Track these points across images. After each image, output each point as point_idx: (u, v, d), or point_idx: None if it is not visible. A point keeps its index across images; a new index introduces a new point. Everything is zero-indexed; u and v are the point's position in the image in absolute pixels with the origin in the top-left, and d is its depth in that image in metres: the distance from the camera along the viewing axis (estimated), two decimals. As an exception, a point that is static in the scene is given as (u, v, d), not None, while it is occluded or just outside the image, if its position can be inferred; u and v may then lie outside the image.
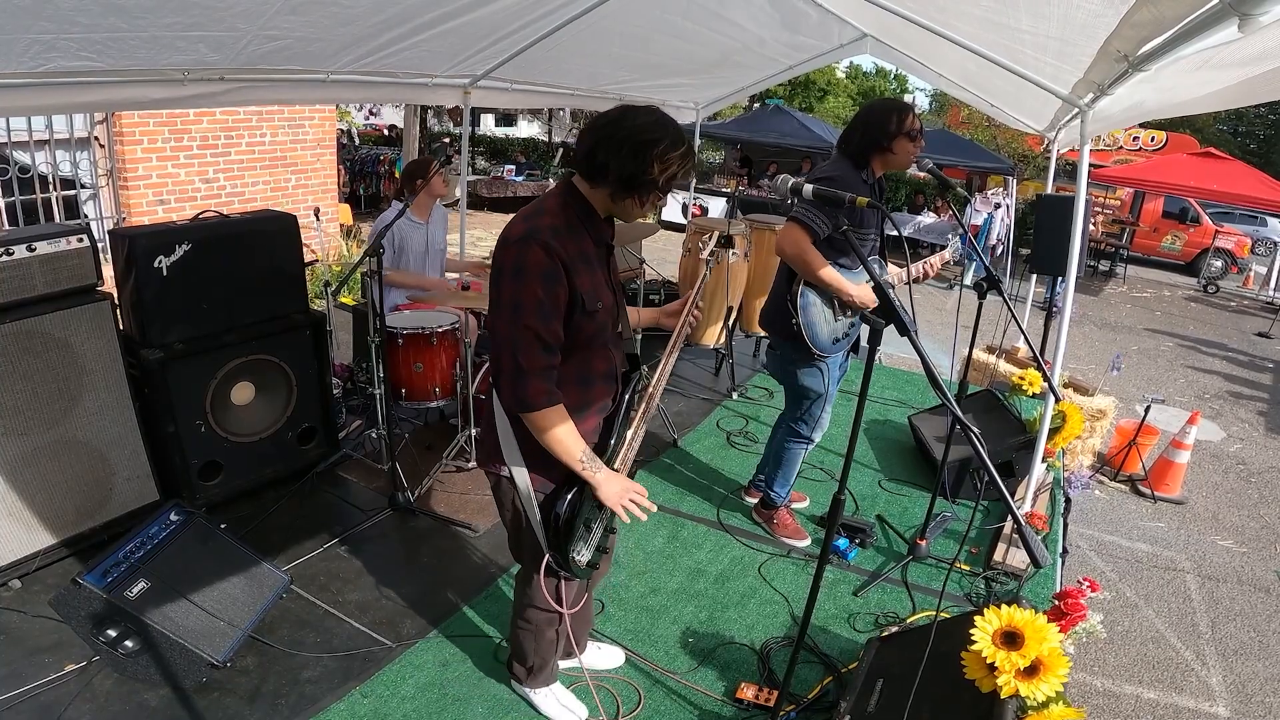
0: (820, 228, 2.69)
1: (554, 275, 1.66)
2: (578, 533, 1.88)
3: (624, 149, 1.64)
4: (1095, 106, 2.74)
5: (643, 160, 1.64)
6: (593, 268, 1.77)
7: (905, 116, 2.72)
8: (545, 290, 1.66)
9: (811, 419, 3.07)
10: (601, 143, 1.66)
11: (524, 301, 1.66)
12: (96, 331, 2.75)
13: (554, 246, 1.66)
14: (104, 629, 2.18)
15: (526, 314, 1.66)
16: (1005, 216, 11.14)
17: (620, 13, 3.51)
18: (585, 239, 1.76)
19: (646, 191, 1.69)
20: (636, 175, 1.65)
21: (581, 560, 1.92)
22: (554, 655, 2.26)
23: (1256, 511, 4.94)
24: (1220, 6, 1.24)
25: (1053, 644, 1.75)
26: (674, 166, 1.66)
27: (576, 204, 1.76)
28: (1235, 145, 22.89)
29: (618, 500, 1.83)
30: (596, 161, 1.67)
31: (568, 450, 1.76)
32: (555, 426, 1.73)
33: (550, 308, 1.67)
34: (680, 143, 1.67)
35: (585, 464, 1.78)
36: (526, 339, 1.68)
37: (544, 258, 1.65)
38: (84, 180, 6.11)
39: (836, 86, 28.48)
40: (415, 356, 3.61)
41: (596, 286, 1.77)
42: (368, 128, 16.63)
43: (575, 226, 1.74)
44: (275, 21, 2.55)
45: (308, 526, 3.16)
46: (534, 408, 1.71)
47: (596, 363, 1.86)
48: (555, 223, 1.70)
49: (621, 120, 1.66)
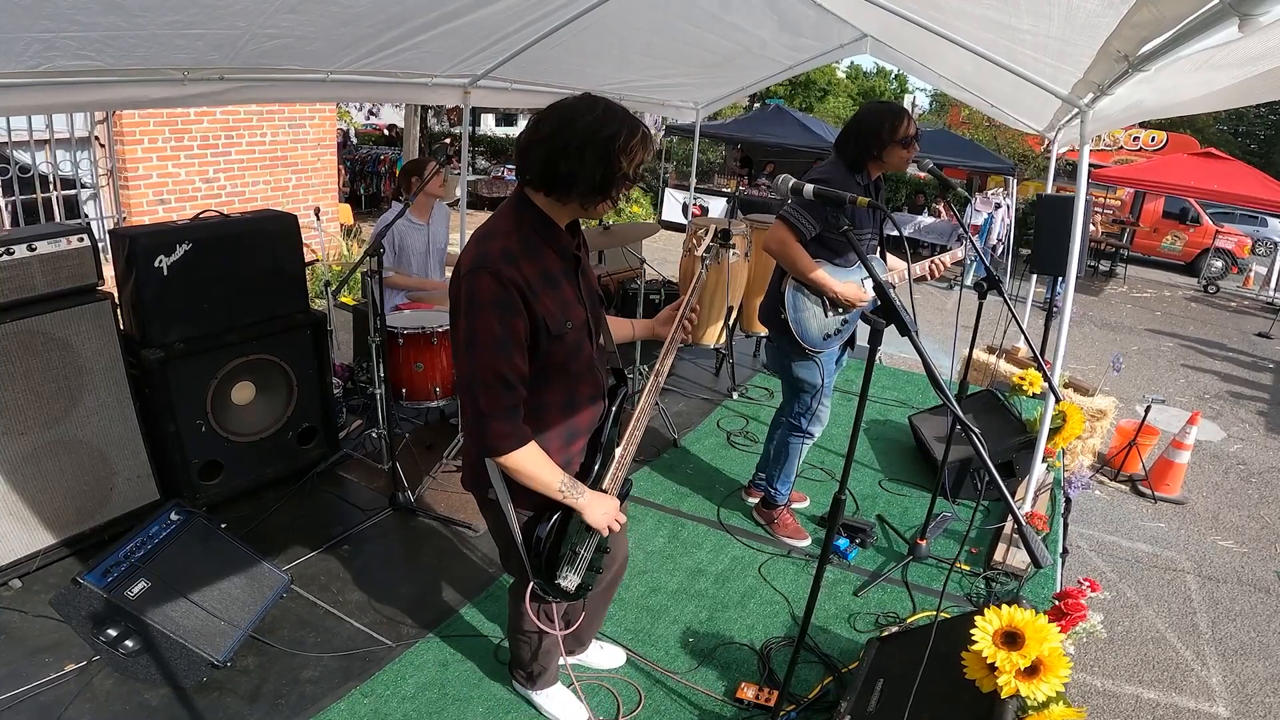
0: (806, 227, 2.72)
1: (509, 305, 1.54)
2: (564, 558, 1.82)
3: (586, 154, 1.53)
4: (1095, 107, 2.74)
5: (609, 160, 1.54)
6: (558, 286, 1.66)
7: (899, 124, 2.73)
8: (501, 323, 1.54)
9: (809, 412, 3.08)
10: (558, 154, 1.54)
11: (480, 336, 1.55)
12: (97, 331, 2.75)
13: (506, 273, 1.53)
14: (104, 629, 2.18)
15: (483, 350, 1.55)
16: (1005, 216, 11.14)
17: (620, 13, 3.51)
18: (546, 255, 1.64)
19: (620, 187, 1.60)
20: (607, 176, 1.56)
21: (569, 586, 1.85)
22: (553, 662, 2.25)
23: (1256, 511, 4.94)
24: (1220, 6, 1.24)
25: (1053, 644, 1.75)
26: (639, 153, 1.58)
27: (532, 218, 1.63)
28: (1235, 145, 22.88)
29: (604, 522, 1.77)
30: (560, 174, 1.55)
31: (545, 484, 1.68)
32: (526, 464, 1.65)
33: (509, 341, 1.56)
34: (635, 126, 1.58)
35: (565, 492, 1.71)
36: (486, 379, 1.57)
37: (495, 287, 1.53)
38: (84, 180, 6.11)
39: (837, 86, 28.48)
40: (416, 356, 3.60)
41: (564, 306, 1.66)
42: (368, 128, 16.63)
43: (533, 244, 1.62)
44: (275, 20, 2.55)
45: (308, 526, 3.16)
46: (499, 451, 1.62)
47: (580, 385, 1.78)
48: (508, 245, 1.58)
49: (571, 124, 1.54)
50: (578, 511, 1.75)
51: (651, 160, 1.69)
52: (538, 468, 1.67)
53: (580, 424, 1.83)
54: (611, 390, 1.91)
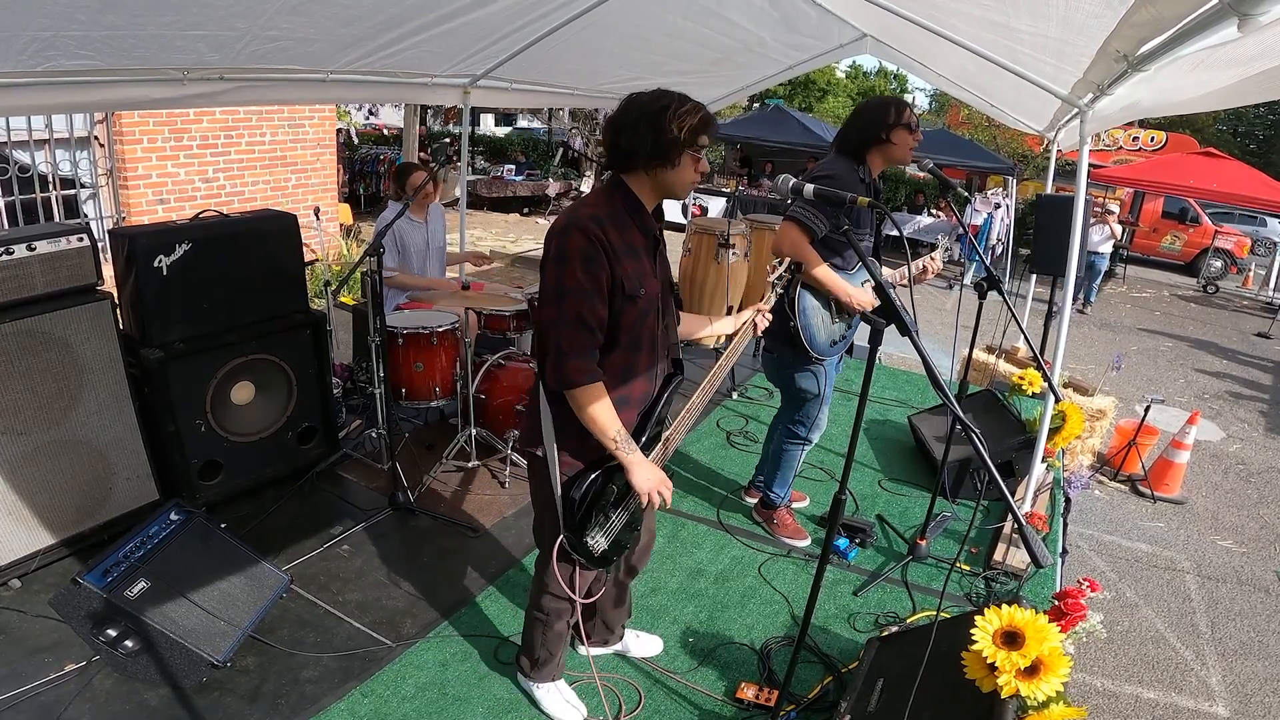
0: (818, 227, 2.68)
1: (594, 258, 1.72)
2: (596, 520, 1.91)
3: (640, 125, 1.72)
4: (1095, 107, 2.74)
5: (659, 125, 1.70)
6: (638, 257, 1.82)
7: (902, 109, 2.72)
8: (586, 273, 1.72)
9: (809, 420, 3.07)
10: (620, 132, 1.75)
11: (567, 284, 1.74)
12: (96, 331, 2.75)
13: (593, 231, 1.73)
14: (104, 629, 2.18)
15: (569, 296, 1.74)
16: (1005, 216, 11.14)
17: (620, 12, 3.51)
18: (631, 229, 1.82)
19: (676, 151, 1.74)
20: (659, 141, 1.72)
21: (596, 547, 1.94)
22: (559, 651, 2.27)
23: (1256, 511, 4.94)
24: (1220, 6, 1.24)
25: (1053, 644, 1.75)
26: (690, 119, 1.72)
27: (621, 196, 1.82)
28: (1235, 145, 22.88)
29: (647, 488, 1.86)
30: (622, 150, 1.76)
31: (603, 427, 1.80)
32: (594, 403, 1.78)
33: (592, 289, 1.73)
34: (686, 101, 1.73)
35: (619, 444, 1.82)
36: (569, 319, 1.75)
37: (584, 241, 1.72)
38: (84, 180, 6.11)
39: (836, 86, 28.47)
40: (415, 356, 3.61)
41: (641, 275, 1.82)
42: (368, 127, 16.63)
43: (620, 216, 1.80)
44: (275, 21, 2.55)
45: (308, 526, 3.16)
46: (574, 384, 1.76)
47: (639, 354, 1.89)
48: (597, 212, 1.78)
49: (629, 106, 1.75)
50: (626, 469, 1.84)
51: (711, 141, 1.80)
52: (602, 409, 1.79)
53: (634, 392, 1.92)
54: (668, 377, 2.02)
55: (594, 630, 2.47)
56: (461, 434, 3.68)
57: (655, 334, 1.92)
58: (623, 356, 1.86)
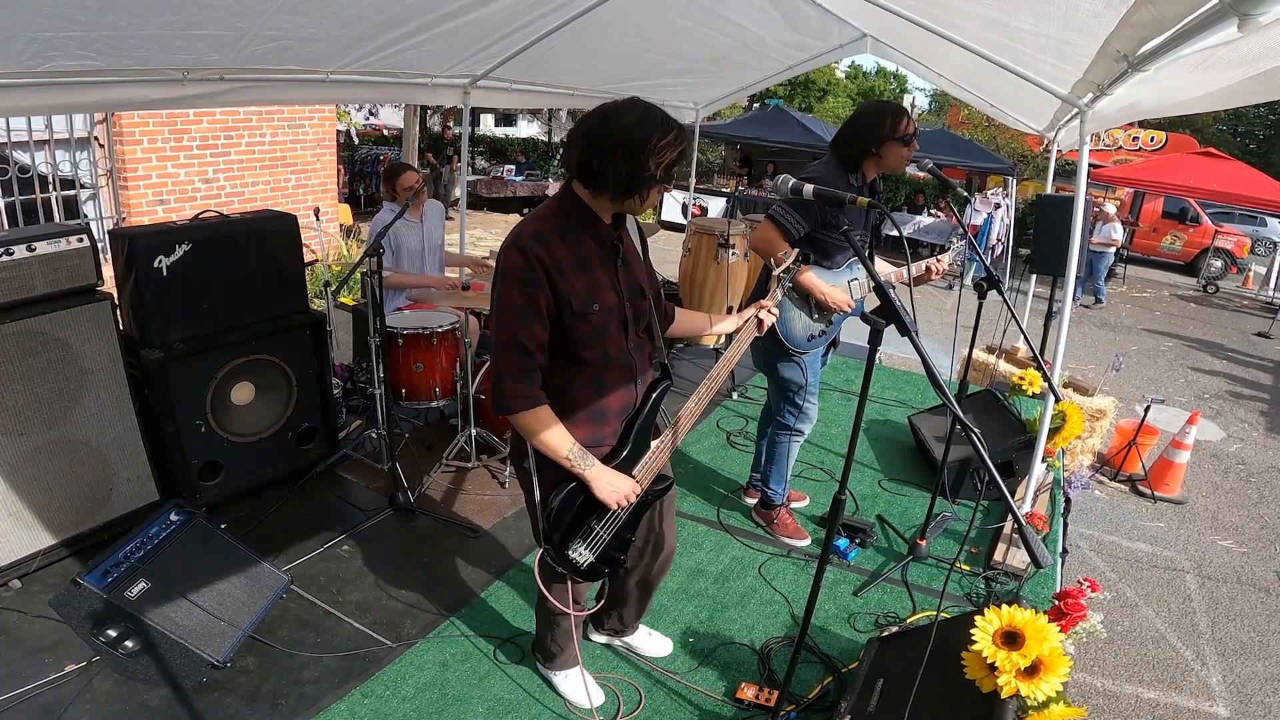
0: (795, 228, 2.70)
1: (531, 279, 1.68)
2: (579, 532, 1.90)
3: (616, 153, 1.63)
4: (1095, 106, 2.74)
5: (637, 159, 1.63)
6: (590, 270, 1.77)
7: (899, 121, 2.70)
8: (522, 294, 1.68)
9: (796, 410, 3.07)
10: (592, 150, 1.66)
11: (503, 306, 1.71)
12: (96, 331, 2.75)
13: (533, 250, 1.67)
14: (104, 629, 2.18)
15: (504, 318, 1.71)
16: (1005, 216, 11.14)
17: (620, 12, 3.51)
18: (584, 241, 1.76)
19: (648, 187, 1.69)
20: (635, 175, 1.65)
21: (580, 559, 1.92)
22: (571, 644, 2.29)
23: (1256, 511, 4.94)
24: (1220, 6, 1.24)
25: (1053, 644, 1.75)
26: (669, 155, 1.66)
27: (574, 207, 1.76)
28: (1235, 145, 22.88)
29: (610, 498, 1.84)
30: (593, 170, 1.67)
31: (553, 447, 1.78)
32: (536, 426, 1.76)
33: (529, 311, 1.69)
34: (669, 129, 1.66)
35: (573, 459, 1.79)
36: (503, 342, 1.72)
37: (521, 262, 1.68)
38: (84, 180, 6.11)
39: (836, 86, 28.44)
40: (415, 356, 3.61)
41: (594, 288, 1.76)
42: (368, 128, 16.64)
43: (571, 230, 1.75)
44: (275, 21, 2.55)
45: (308, 526, 3.16)
46: (510, 410, 1.74)
47: (607, 367, 1.85)
48: (543, 227, 1.72)
49: (607, 124, 1.65)
50: (587, 483, 1.82)
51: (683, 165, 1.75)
52: (546, 430, 1.76)
53: (609, 405, 1.89)
54: (654, 382, 1.98)
55: (608, 620, 2.50)
56: (461, 434, 3.68)
57: (623, 345, 1.86)
58: (589, 372, 1.83)
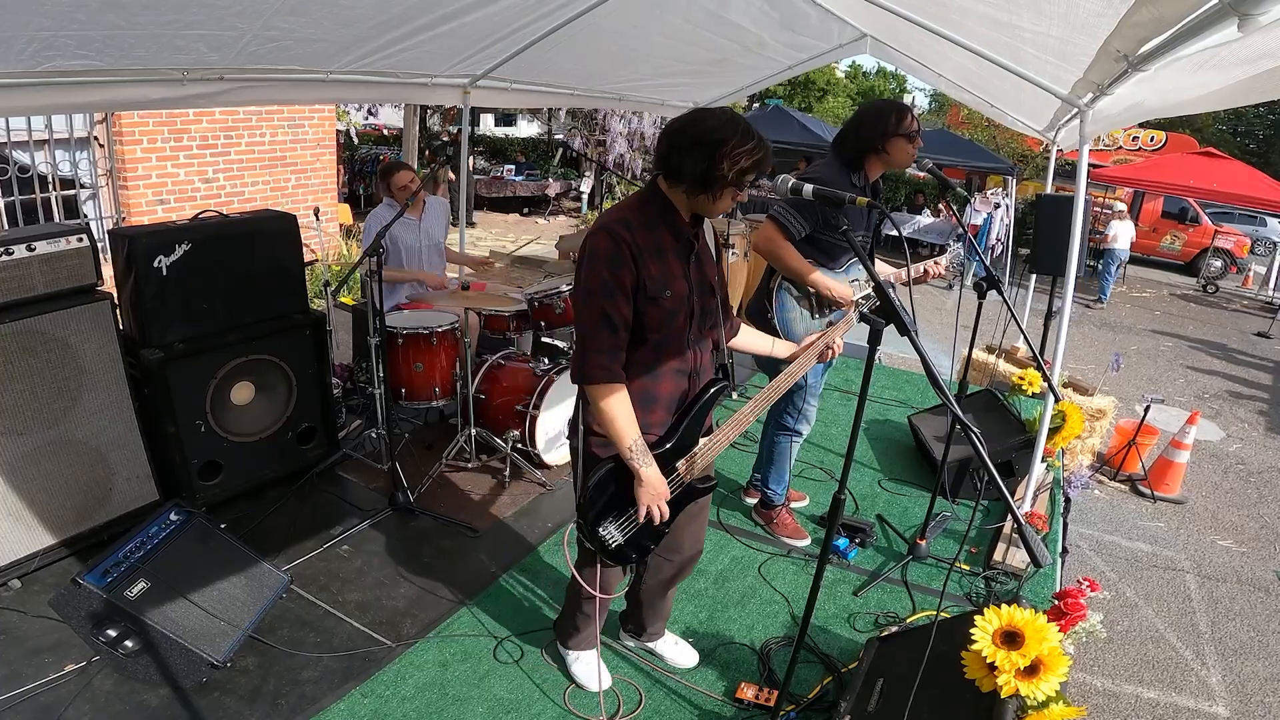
0: (796, 228, 2.71)
1: (618, 259, 1.78)
2: (611, 511, 1.94)
3: (695, 151, 1.73)
4: (1095, 107, 2.74)
5: (711, 159, 1.72)
6: (666, 259, 1.86)
7: (903, 117, 2.70)
8: (610, 272, 1.78)
9: (795, 411, 3.08)
10: (675, 147, 1.77)
11: (592, 283, 1.80)
12: (96, 331, 2.75)
13: (620, 233, 1.78)
14: (104, 629, 2.18)
15: (593, 294, 1.80)
16: (1005, 216, 11.14)
17: (620, 12, 3.51)
18: (662, 232, 1.86)
19: (719, 187, 1.77)
20: (708, 174, 1.74)
21: (610, 539, 1.96)
22: (588, 627, 2.33)
23: (1256, 511, 4.94)
24: (1220, 6, 1.24)
25: (1052, 644, 1.75)
26: (743, 161, 1.73)
27: (655, 201, 1.86)
28: (1235, 145, 22.88)
29: (646, 501, 1.89)
30: (672, 164, 1.78)
31: (619, 431, 1.84)
32: (609, 402, 1.82)
33: (615, 288, 1.79)
34: (749, 138, 1.73)
35: (633, 452, 1.85)
36: (592, 317, 1.81)
37: (609, 243, 1.78)
38: (84, 180, 6.11)
39: (836, 86, 28.45)
40: (415, 356, 3.61)
41: (667, 276, 1.85)
42: (367, 128, 16.64)
43: (652, 220, 1.85)
44: (275, 22, 2.55)
45: (308, 526, 3.16)
46: (590, 380, 1.83)
47: (665, 353, 1.92)
48: (627, 216, 1.84)
49: (693, 124, 1.76)
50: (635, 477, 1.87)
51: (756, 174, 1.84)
52: (617, 412, 1.83)
53: (660, 392, 1.95)
54: (711, 381, 2.04)
55: (630, 619, 2.53)
56: (461, 434, 3.68)
57: (686, 336, 1.94)
58: (648, 354, 1.90)
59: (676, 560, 2.29)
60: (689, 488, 2.02)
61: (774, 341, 2.28)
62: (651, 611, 2.46)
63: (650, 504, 1.89)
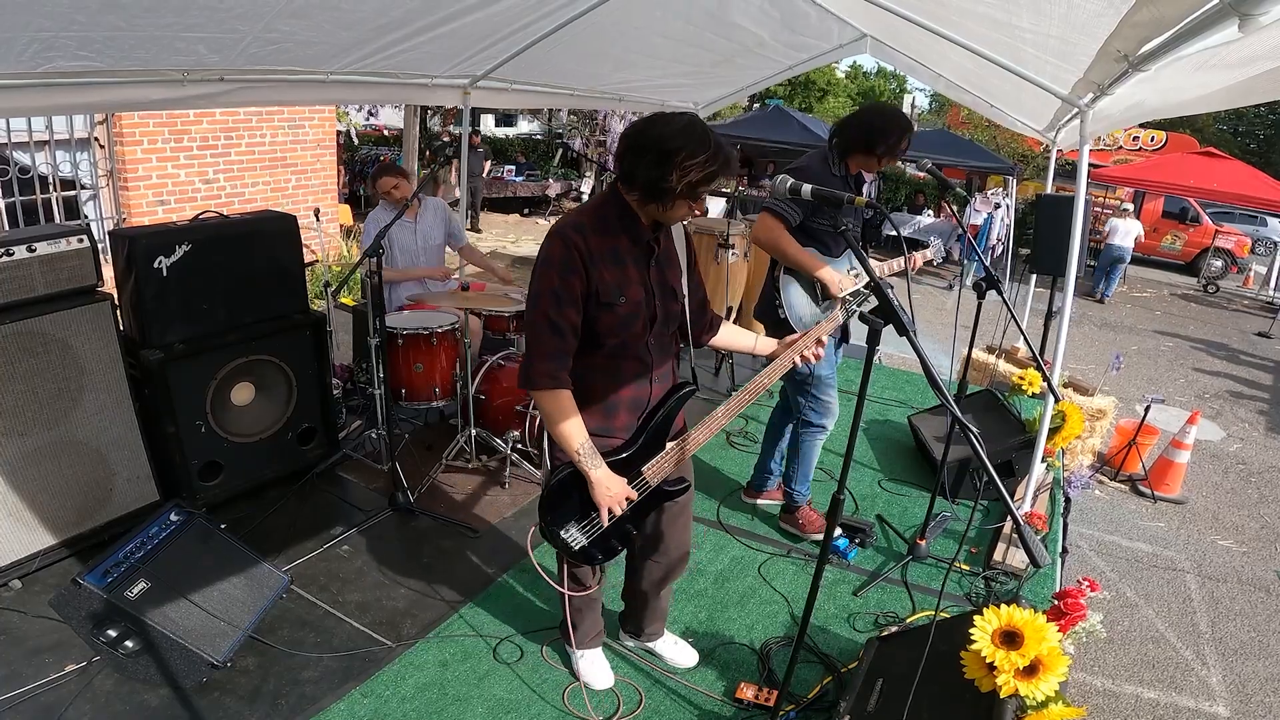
0: (791, 216, 2.79)
1: (569, 265, 1.75)
2: (572, 515, 1.95)
3: (646, 157, 1.69)
4: (1095, 107, 2.74)
5: (663, 168, 1.68)
6: (622, 264, 1.83)
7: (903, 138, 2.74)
8: (560, 278, 1.76)
9: (819, 405, 3.08)
10: (629, 150, 1.74)
11: (541, 289, 1.79)
12: (96, 332, 2.75)
13: (572, 238, 1.76)
14: (104, 629, 2.18)
15: (541, 299, 1.78)
16: (1005, 216, 11.14)
17: (620, 13, 3.51)
18: (619, 237, 1.83)
19: (667, 198, 1.73)
20: (657, 182, 1.70)
21: (571, 542, 1.97)
22: (584, 622, 2.36)
23: (1256, 511, 4.94)
24: (1220, 6, 1.24)
25: (1052, 643, 1.75)
26: (693, 174, 1.68)
27: (614, 204, 1.83)
28: (1235, 145, 22.88)
29: (603, 501, 1.89)
30: (625, 168, 1.75)
31: (565, 435, 1.83)
32: (555, 408, 1.81)
33: (563, 294, 1.76)
34: (702, 149, 1.67)
35: (582, 455, 1.85)
36: (540, 323, 1.79)
37: (561, 248, 1.76)
38: (84, 181, 6.11)
39: (836, 86, 28.47)
40: (415, 357, 3.61)
41: (623, 282, 1.83)
42: (368, 128, 16.64)
43: (610, 225, 1.82)
44: (275, 24, 2.55)
45: (308, 526, 3.16)
46: (535, 386, 1.81)
47: (624, 359, 1.91)
48: (583, 220, 1.81)
49: (649, 129, 1.71)
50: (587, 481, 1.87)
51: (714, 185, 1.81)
52: (563, 417, 1.82)
53: (621, 397, 1.95)
54: (677, 385, 2.04)
55: (627, 619, 2.54)
56: (461, 434, 3.68)
57: (645, 341, 1.91)
58: (606, 359, 1.89)
59: (664, 562, 2.29)
60: (657, 490, 2.02)
61: (756, 339, 2.24)
62: (648, 612, 2.46)
63: (604, 502, 1.89)
